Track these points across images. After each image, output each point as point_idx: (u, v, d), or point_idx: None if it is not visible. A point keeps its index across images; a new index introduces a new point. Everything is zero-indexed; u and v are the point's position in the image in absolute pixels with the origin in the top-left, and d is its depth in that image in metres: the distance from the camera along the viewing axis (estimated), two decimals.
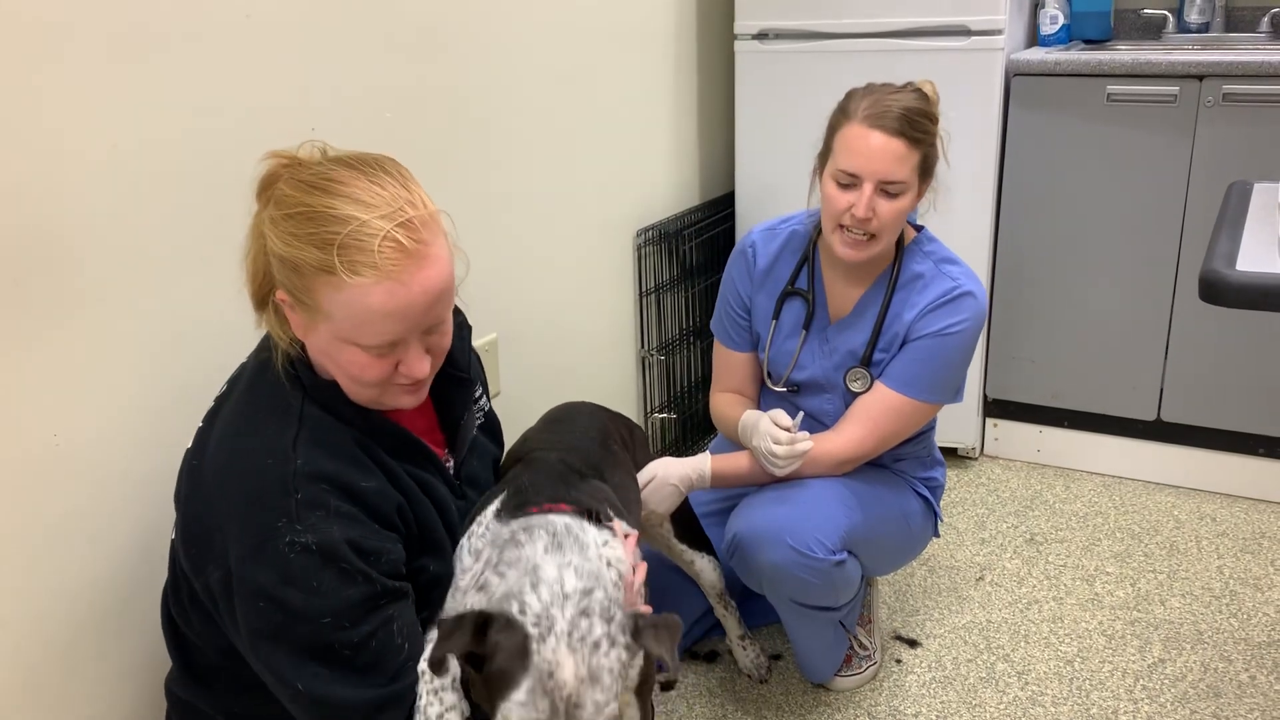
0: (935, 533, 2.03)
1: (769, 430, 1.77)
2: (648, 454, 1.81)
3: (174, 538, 1.26)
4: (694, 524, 1.87)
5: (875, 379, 1.83)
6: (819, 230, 1.87)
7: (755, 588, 1.84)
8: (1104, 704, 1.93)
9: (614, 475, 1.47)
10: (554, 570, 1.09)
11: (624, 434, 1.68)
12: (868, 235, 1.74)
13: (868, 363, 1.83)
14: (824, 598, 1.79)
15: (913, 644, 2.12)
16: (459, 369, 1.38)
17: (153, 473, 1.42)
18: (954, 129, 1.92)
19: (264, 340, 1.28)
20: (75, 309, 1.31)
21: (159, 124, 1.39)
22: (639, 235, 2.58)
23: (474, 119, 1.98)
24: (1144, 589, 2.29)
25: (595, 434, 1.55)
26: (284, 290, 1.18)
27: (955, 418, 2.75)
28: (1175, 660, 2.05)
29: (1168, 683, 1.99)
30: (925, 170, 1.74)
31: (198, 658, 1.29)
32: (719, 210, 2.89)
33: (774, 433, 1.76)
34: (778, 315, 1.92)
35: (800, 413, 1.79)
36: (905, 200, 1.72)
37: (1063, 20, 2.80)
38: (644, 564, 1.30)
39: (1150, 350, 2.63)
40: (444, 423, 1.40)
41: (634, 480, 1.66)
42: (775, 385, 1.94)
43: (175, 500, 1.26)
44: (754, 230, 1.97)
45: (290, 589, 1.12)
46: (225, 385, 1.30)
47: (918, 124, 1.69)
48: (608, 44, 2.37)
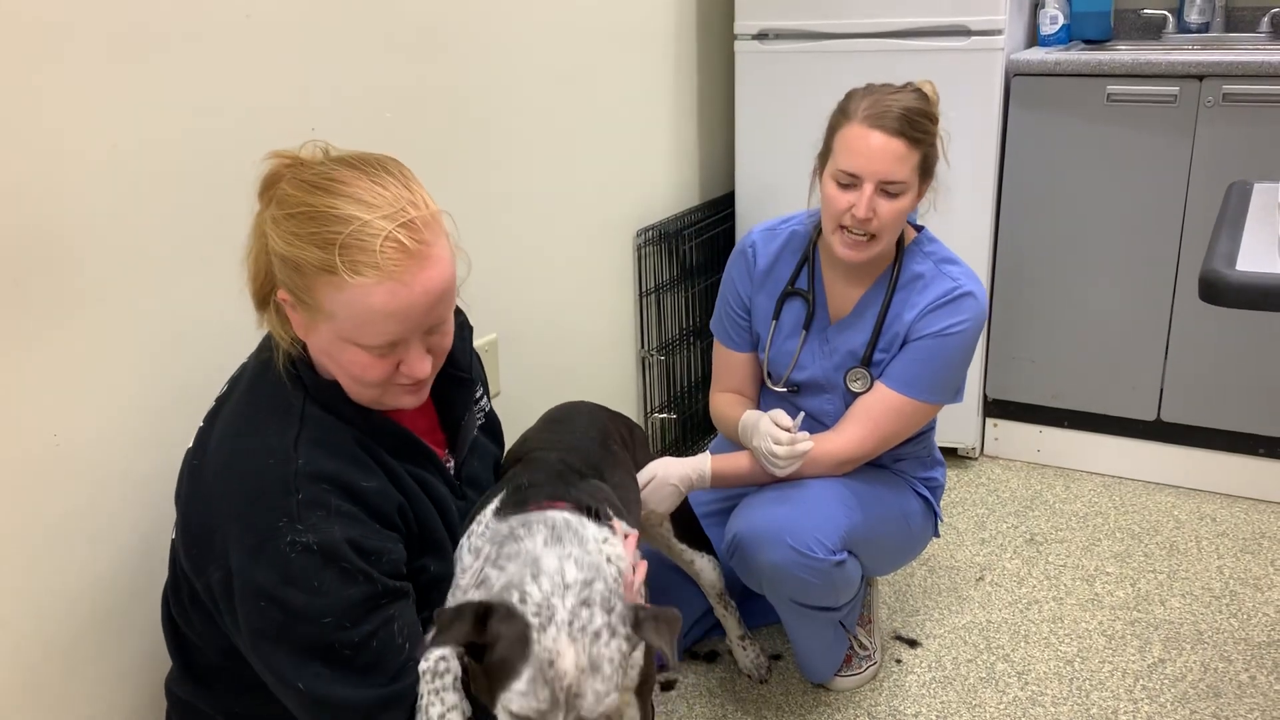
0: (935, 533, 2.03)
1: (769, 430, 1.77)
2: (648, 454, 1.81)
3: (174, 538, 1.26)
4: (694, 524, 1.88)
5: (875, 379, 1.83)
6: (819, 230, 1.87)
7: (755, 588, 1.84)
8: (1104, 704, 1.93)
9: (614, 475, 1.47)
10: (554, 561, 1.09)
11: (624, 434, 1.68)
12: (868, 235, 1.74)
13: (868, 363, 1.83)
14: (824, 598, 1.79)
15: (913, 644, 2.12)
16: (460, 369, 1.38)
17: (153, 473, 1.42)
18: (954, 129, 1.92)
19: (265, 340, 1.28)
20: (75, 309, 1.31)
21: (159, 124, 1.39)
22: (639, 235, 2.58)
23: (474, 119, 1.98)
24: (1144, 589, 2.29)
25: (595, 434, 1.55)
26: (285, 290, 1.18)
27: (955, 418, 2.75)
28: (1175, 660, 2.05)
29: (1168, 683, 1.99)
30: (925, 170, 1.74)
31: (198, 658, 1.29)
32: (719, 210, 2.89)
33: (774, 433, 1.76)
34: (778, 315, 1.92)
35: (800, 413, 1.79)
36: (905, 200, 1.72)
37: (1063, 20, 2.80)
38: (644, 562, 1.30)
39: (1150, 350, 2.63)
40: (445, 423, 1.40)
41: (634, 480, 1.66)
42: (775, 385, 1.94)
43: (176, 500, 1.26)
44: (754, 230, 1.97)
45: (291, 589, 1.12)
46: (226, 385, 1.30)
47: (918, 124, 1.69)
48: (608, 44, 2.37)
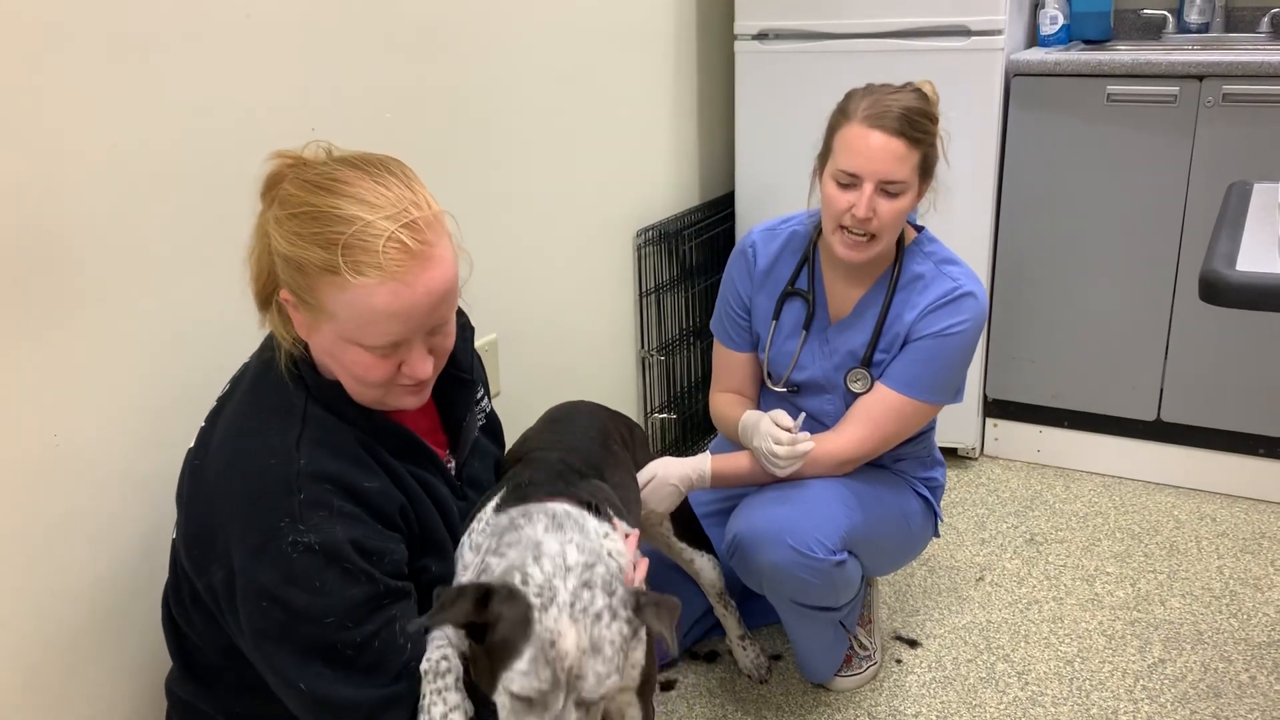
0: (935, 533, 2.03)
1: (770, 431, 1.77)
2: (648, 453, 1.81)
3: (175, 537, 1.26)
4: (693, 523, 1.87)
5: (876, 379, 1.83)
6: (819, 231, 1.87)
7: (755, 588, 1.84)
8: (1104, 704, 1.93)
9: (614, 475, 1.47)
10: (556, 545, 1.09)
11: (624, 433, 1.68)
12: (868, 235, 1.74)
13: (868, 363, 1.83)
14: (824, 598, 1.79)
15: (913, 644, 2.12)
16: (462, 370, 1.38)
17: (153, 473, 1.42)
18: (954, 129, 1.92)
19: (267, 340, 1.28)
20: (75, 309, 1.31)
21: (159, 124, 1.39)
22: (639, 235, 2.58)
23: (474, 119, 1.98)
24: (1144, 589, 2.29)
25: (595, 434, 1.55)
26: (288, 290, 1.18)
27: (955, 418, 2.75)
28: (1175, 660, 2.05)
29: (1168, 683, 1.99)
30: (925, 170, 1.74)
31: (198, 658, 1.29)
32: (719, 210, 2.89)
33: (775, 433, 1.76)
34: (778, 316, 1.92)
35: (801, 413, 1.79)
36: (905, 200, 1.72)
37: (1063, 20, 2.80)
38: (645, 560, 1.30)
39: (1150, 350, 2.63)
40: (446, 423, 1.40)
41: (634, 480, 1.66)
42: (775, 386, 1.94)
43: (177, 500, 1.26)
44: (754, 230, 1.97)
45: (293, 589, 1.12)
46: (228, 385, 1.30)
47: (917, 124, 1.69)
48: (608, 44, 2.37)
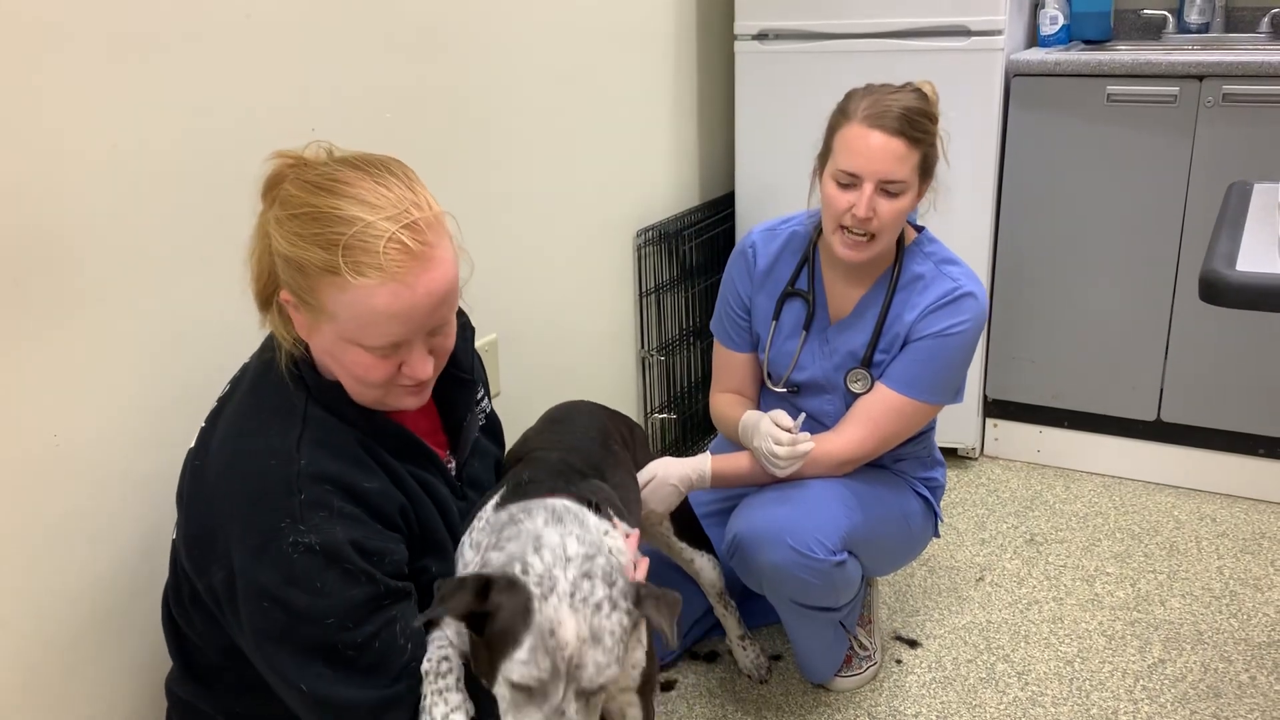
0: (935, 533, 2.03)
1: (770, 431, 1.77)
2: (648, 453, 1.81)
3: (175, 538, 1.26)
4: (693, 522, 1.87)
5: (876, 380, 1.83)
6: (819, 231, 1.87)
7: (755, 588, 1.84)
8: (1104, 704, 1.93)
9: (614, 475, 1.47)
10: (556, 537, 1.10)
11: (624, 433, 1.68)
12: (868, 235, 1.74)
13: (868, 363, 1.83)
14: (824, 598, 1.79)
15: (913, 644, 2.12)
16: (462, 370, 1.38)
17: (153, 473, 1.42)
18: (954, 129, 1.92)
19: (267, 340, 1.28)
20: (75, 309, 1.31)
21: (159, 124, 1.39)
22: (639, 235, 2.58)
23: (474, 119, 1.98)
24: (1144, 589, 2.29)
25: (595, 434, 1.55)
26: (288, 290, 1.18)
27: (955, 418, 2.75)
28: (1175, 661, 2.05)
29: (1168, 683, 1.99)
30: (925, 170, 1.74)
31: (198, 658, 1.29)
32: (719, 210, 2.89)
33: (775, 433, 1.76)
34: (778, 316, 1.92)
35: (801, 414, 1.79)
36: (905, 200, 1.72)
37: (1063, 20, 2.80)
38: (645, 559, 1.30)
39: (1150, 350, 2.63)
40: (446, 424, 1.40)
41: (634, 480, 1.66)
42: (775, 386, 1.94)
43: (177, 500, 1.26)
44: (754, 231, 1.97)
45: (294, 589, 1.12)
46: (228, 385, 1.30)
47: (917, 123, 1.69)
48: (608, 44, 2.37)
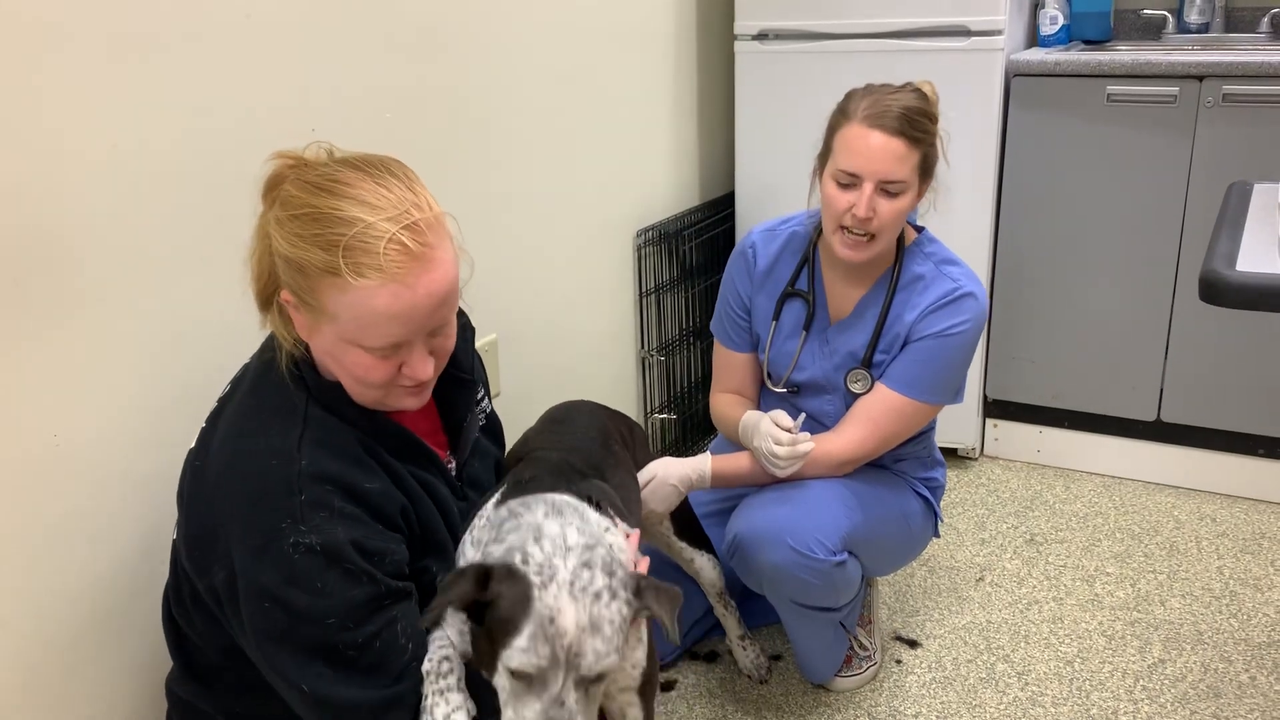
0: (935, 533, 2.03)
1: (770, 431, 1.77)
2: (648, 453, 1.81)
3: (176, 538, 1.26)
4: (693, 522, 1.87)
5: (876, 380, 1.83)
6: (819, 231, 1.87)
7: (755, 588, 1.84)
8: (1104, 704, 1.93)
9: (615, 475, 1.47)
10: (556, 528, 1.10)
11: (624, 432, 1.68)
12: (868, 235, 1.74)
13: (868, 364, 1.83)
14: (824, 598, 1.79)
15: (913, 644, 2.12)
16: (462, 370, 1.38)
17: (153, 473, 1.42)
18: (954, 129, 1.92)
19: (268, 340, 1.28)
20: (75, 309, 1.31)
21: (159, 124, 1.39)
22: (639, 235, 2.58)
23: (474, 119, 1.98)
24: (1144, 589, 2.29)
25: (596, 434, 1.55)
26: (289, 291, 1.18)
27: (955, 418, 2.74)
28: (1175, 661, 2.05)
29: (1168, 683, 1.99)
30: (925, 170, 1.74)
31: (199, 658, 1.29)
32: (719, 210, 2.89)
33: (775, 434, 1.76)
34: (778, 316, 1.92)
35: (801, 414, 1.79)
36: (905, 200, 1.72)
37: (1063, 21, 2.80)
38: (646, 559, 1.30)
39: (1150, 350, 2.63)
40: (447, 424, 1.40)
41: (635, 480, 1.66)
42: (775, 386, 1.94)
43: (178, 500, 1.26)
44: (754, 231, 1.97)
45: (295, 589, 1.12)
46: (228, 385, 1.30)
47: (917, 123, 1.69)
48: (608, 44, 2.37)
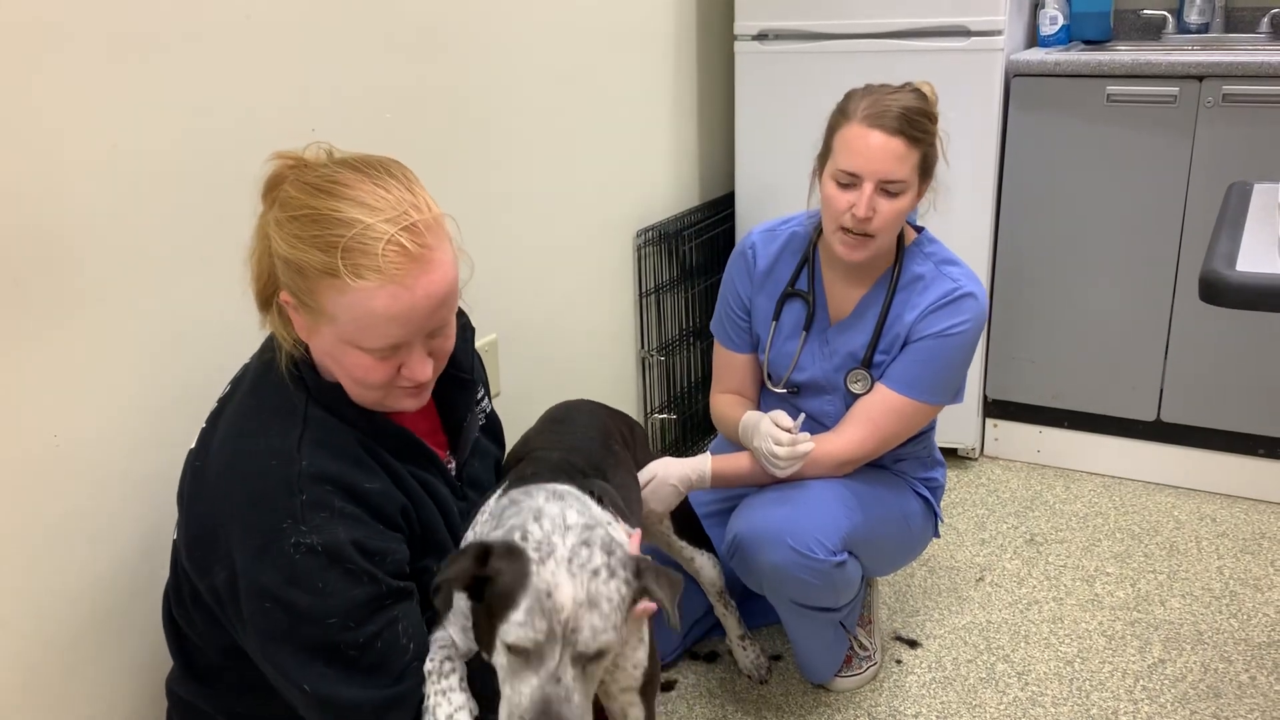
0: (935, 533, 2.03)
1: (770, 431, 1.77)
2: (648, 452, 1.81)
3: (176, 538, 1.26)
4: (693, 521, 1.87)
5: (876, 380, 1.83)
6: (819, 231, 1.87)
7: (755, 588, 1.84)
8: (1104, 704, 1.93)
9: (616, 475, 1.47)
10: (556, 509, 1.11)
11: (624, 431, 1.68)
12: (867, 234, 1.74)
13: (868, 364, 1.83)
14: (824, 598, 1.79)
15: (913, 644, 2.12)
16: (462, 370, 1.38)
17: (153, 473, 1.42)
18: (954, 129, 1.92)
19: (267, 341, 1.28)
20: (75, 309, 1.31)
21: (159, 124, 1.39)
22: (639, 235, 2.58)
23: (474, 119, 1.98)
24: (1144, 589, 2.29)
25: (596, 434, 1.55)
26: (288, 292, 1.18)
27: (955, 418, 2.74)
28: (1175, 661, 2.05)
29: (1168, 683, 1.99)
30: (925, 170, 1.74)
31: (199, 657, 1.29)
32: (719, 210, 2.89)
33: (775, 434, 1.76)
34: (778, 317, 1.92)
35: (801, 414, 1.79)
36: (905, 200, 1.72)
37: (1062, 21, 2.80)
38: (647, 559, 1.30)
39: (1150, 350, 2.63)
40: (446, 424, 1.40)
41: (635, 480, 1.66)
42: (775, 386, 1.94)
43: (178, 501, 1.26)
44: (754, 231, 1.97)
45: (296, 590, 1.12)
46: (228, 386, 1.30)
47: (917, 123, 1.69)
48: (608, 44, 2.37)
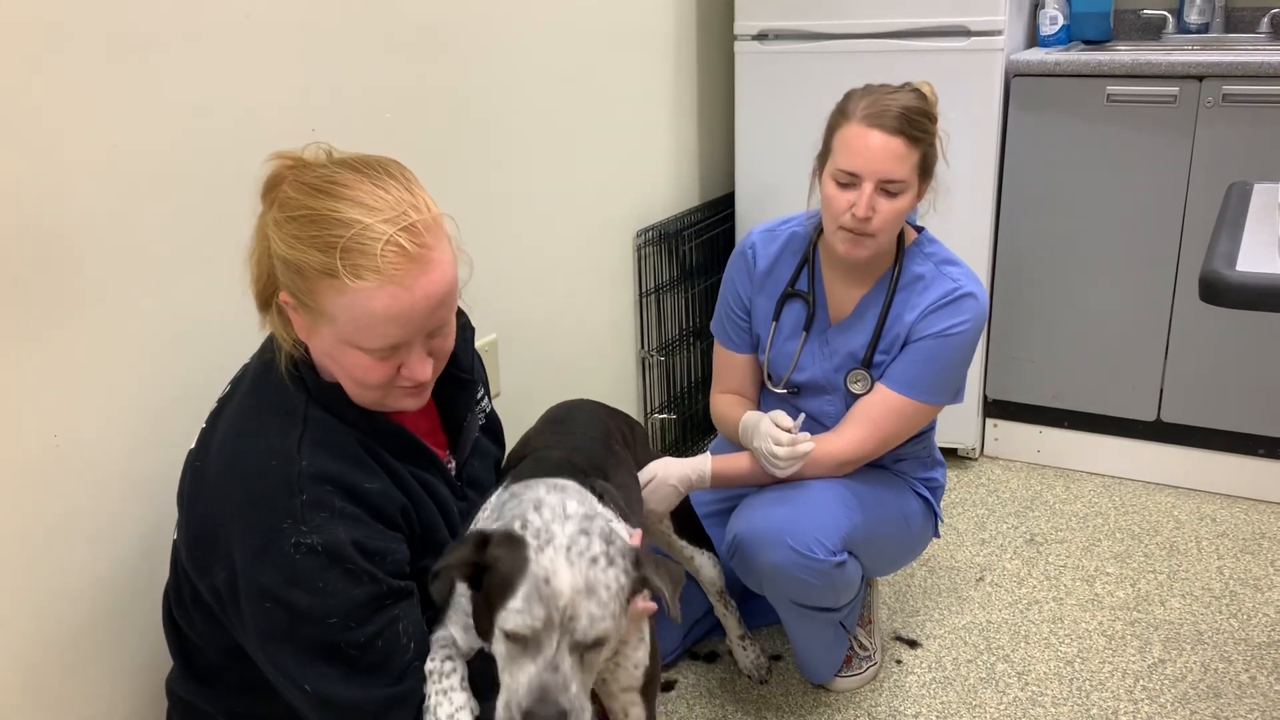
0: (935, 533, 2.03)
1: (770, 431, 1.77)
2: (648, 451, 1.81)
3: (176, 538, 1.26)
4: (693, 520, 1.87)
5: (876, 380, 1.83)
6: (819, 232, 1.87)
7: (755, 588, 1.84)
8: (1104, 704, 1.93)
9: (616, 475, 1.47)
10: (556, 499, 1.12)
11: (625, 431, 1.68)
12: (866, 234, 1.74)
13: (868, 364, 1.83)
14: (824, 598, 1.79)
15: (913, 644, 2.12)
16: (462, 370, 1.38)
17: (153, 473, 1.42)
18: (954, 129, 1.92)
19: (267, 341, 1.28)
20: (75, 309, 1.31)
21: (159, 124, 1.39)
22: (639, 235, 2.58)
23: (474, 119, 1.98)
24: (1144, 589, 2.29)
25: (597, 433, 1.55)
26: (287, 292, 1.18)
27: (955, 418, 2.74)
28: (1175, 661, 2.05)
29: (1168, 683, 1.99)
30: (925, 170, 1.74)
31: (199, 657, 1.29)
32: (719, 211, 2.89)
33: (775, 434, 1.76)
34: (778, 317, 1.92)
35: (801, 414, 1.79)
36: (905, 199, 1.72)
37: (1062, 21, 2.80)
38: (646, 550, 1.30)
39: (1150, 350, 2.63)
40: (447, 424, 1.40)
41: (636, 480, 1.66)
42: (775, 387, 1.94)
43: (178, 501, 1.26)
44: (754, 231, 1.97)
45: (296, 590, 1.12)
46: (228, 386, 1.30)
47: (916, 123, 1.69)
48: (608, 44, 2.37)
